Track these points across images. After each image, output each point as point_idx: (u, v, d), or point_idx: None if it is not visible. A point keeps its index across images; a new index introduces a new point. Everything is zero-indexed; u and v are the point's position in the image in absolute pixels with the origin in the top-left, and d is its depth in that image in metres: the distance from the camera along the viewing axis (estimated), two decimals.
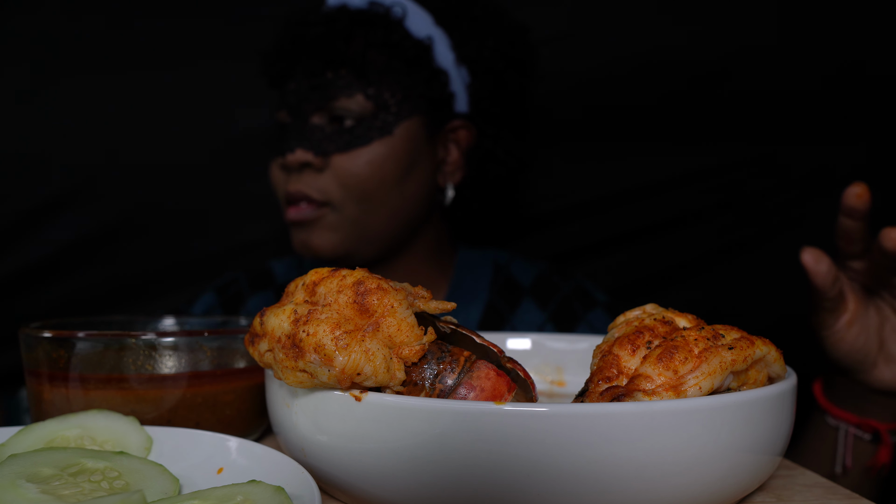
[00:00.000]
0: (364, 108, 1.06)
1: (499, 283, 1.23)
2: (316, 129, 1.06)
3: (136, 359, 0.64)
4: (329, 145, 1.05)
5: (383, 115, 1.07)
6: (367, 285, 0.53)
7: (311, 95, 1.07)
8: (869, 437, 0.89)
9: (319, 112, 1.07)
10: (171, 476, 0.51)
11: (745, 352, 0.52)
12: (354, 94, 1.06)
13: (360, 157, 1.06)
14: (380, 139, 1.07)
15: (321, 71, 1.07)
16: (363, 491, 0.51)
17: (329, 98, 1.06)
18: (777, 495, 0.57)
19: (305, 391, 0.53)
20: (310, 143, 1.06)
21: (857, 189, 0.82)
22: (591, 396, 0.53)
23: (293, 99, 1.08)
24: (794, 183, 1.46)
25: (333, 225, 1.07)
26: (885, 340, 0.86)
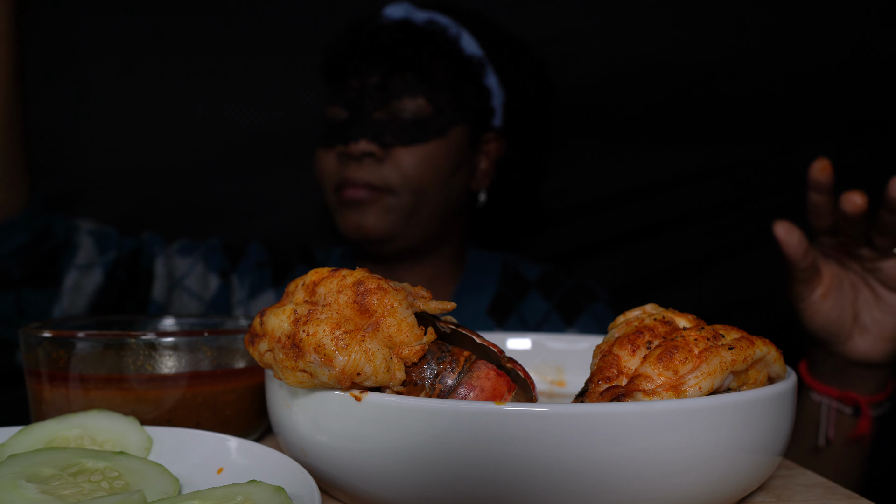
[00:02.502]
0: (423, 110, 1.18)
1: (507, 277, 1.33)
2: (379, 124, 1.16)
3: (136, 359, 0.64)
4: (391, 139, 1.16)
5: (439, 118, 1.19)
6: (367, 285, 0.53)
7: (376, 93, 1.17)
8: (850, 410, 0.93)
9: (382, 109, 1.17)
10: (171, 476, 0.51)
11: (745, 352, 0.52)
12: (417, 97, 1.18)
13: (419, 152, 1.17)
14: (436, 139, 1.19)
15: (389, 72, 1.17)
16: (363, 491, 0.51)
17: (393, 97, 1.17)
18: (777, 495, 0.57)
19: (305, 391, 0.53)
20: (373, 135, 1.15)
21: (820, 163, 0.86)
22: (591, 396, 0.53)
23: (354, 95, 1.18)
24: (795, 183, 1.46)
25: (388, 208, 1.17)
26: (859, 312, 0.90)
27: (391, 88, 1.17)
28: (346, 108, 1.19)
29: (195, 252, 1.26)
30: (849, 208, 0.84)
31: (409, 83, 1.18)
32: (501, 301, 1.30)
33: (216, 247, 1.29)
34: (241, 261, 1.30)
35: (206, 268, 1.26)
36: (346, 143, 1.17)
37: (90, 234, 1.11)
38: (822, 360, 0.95)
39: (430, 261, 1.29)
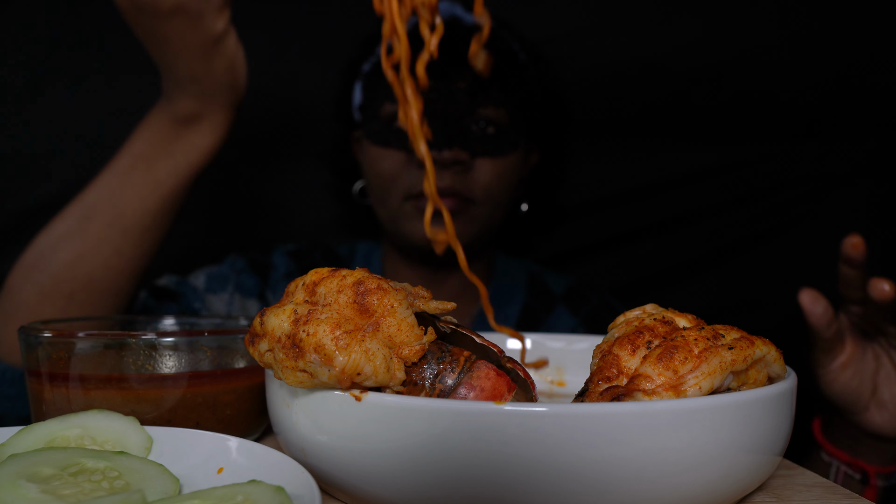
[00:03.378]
0: (502, 121, 1.16)
1: (534, 288, 1.33)
2: (468, 132, 1.12)
3: (136, 359, 0.64)
4: (480, 148, 1.13)
5: (513, 130, 1.17)
6: (367, 285, 0.53)
7: (465, 99, 1.13)
8: (859, 476, 0.91)
9: (469, 117, 1.13)
10: (171, 476, 0.51)
11: (745, 352, 0.52)
12: (500, 108, 1.15)
13: (500, 164, 1.16)
14: (513, 152, 1.18)
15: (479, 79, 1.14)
16: (363, 491, 0.51)
17: (480, 105, 1.14)
18: (777, 495, 0.57)
19: (305, 391, 0.53)
20: (464, 143, 1.12)
21: (853, 239, 0.85)
22: (591, 396, 0.53)
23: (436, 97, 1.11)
24: (795, 183, 1.46)
25: (471, 219, 1.16)
26: (879, 386, 0.88)
27: (478, 96, 1.13)
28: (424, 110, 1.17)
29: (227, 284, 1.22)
30: (876, 295, 0.82)
31: (495, 93, 1.15)
32: (529, 314, 1.29)
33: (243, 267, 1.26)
34: (270, 274, 1.27)
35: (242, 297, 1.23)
36: (437, 148, 1.11)
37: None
38: (837, 424, 0.93)
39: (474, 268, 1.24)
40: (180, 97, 0.91)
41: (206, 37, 0.85)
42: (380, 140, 1.16)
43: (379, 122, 1.16)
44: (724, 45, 1.39)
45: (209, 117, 0.92)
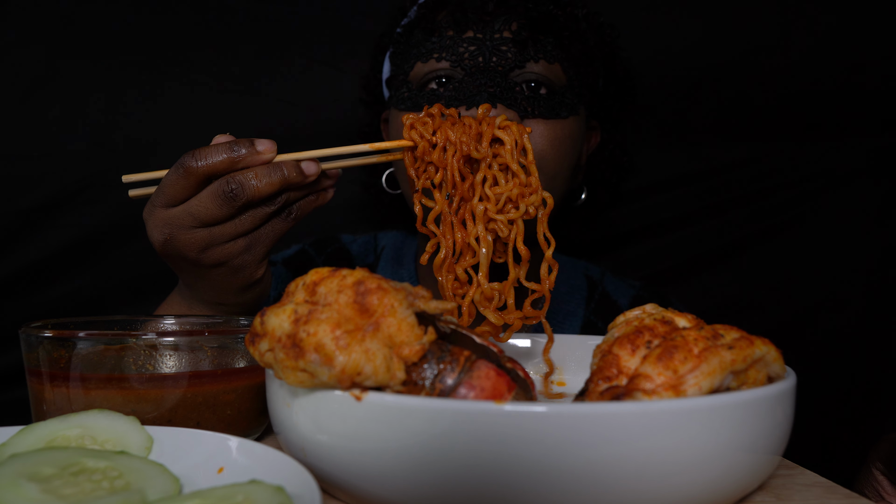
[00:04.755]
0: (558, 80, 0.98)
1: (594, 301, 1.18)
2: (517, 90, 0.95)
3: (136, 358, 0.64)
4: (531, 108, 0.95)
5: (570, 93, 0.99)
6: (368, 285, 0.53)
7: (511, 51, 0.96)
8: None
9: (516, 70, 0.96)
10: (171, 476, 0.51)
11: (745, 351, 0.52)
12: (554, 63, 0.98)
13: (559, 128, 0.97)
14: (572, 116, 0.99)
15: (527, 29, 0.97)
16: (363, 491, 0.51)
17: (529, 59, 0.96)
18: (777, 495, 0.57)
19: (306, 391, 0.53)
20: (512, 101, 0.94)
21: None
22: (591, 396, 0.53)
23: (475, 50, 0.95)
24: (795, 182, 1.46)
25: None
26: None
27: (528, 48, 0.96)
28: (457, 64, 0.96)
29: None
30: None
31: (549, 45, 0.97)
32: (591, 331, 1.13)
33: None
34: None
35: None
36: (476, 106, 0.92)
37: None
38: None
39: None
40: (202, 309, 0.89)
41: (244, 282, 0.83)
42: (409, 104, 1.00)
43: (409, 87, 1.02)
44: (724, 45, 1.39)
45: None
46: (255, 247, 0.79)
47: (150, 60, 1.36)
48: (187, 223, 0.76)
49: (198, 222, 0.76)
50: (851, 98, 1.42)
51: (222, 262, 0.79)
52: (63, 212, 1.34)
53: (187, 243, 0.77)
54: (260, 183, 0.75)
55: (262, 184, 0.75)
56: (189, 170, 0.74)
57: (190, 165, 0.74)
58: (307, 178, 0.78)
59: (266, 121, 1.38)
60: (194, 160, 0.74)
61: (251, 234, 0.79)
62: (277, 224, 0.80)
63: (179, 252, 0.79)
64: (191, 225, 0.76)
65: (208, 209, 0.75)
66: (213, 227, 0.76)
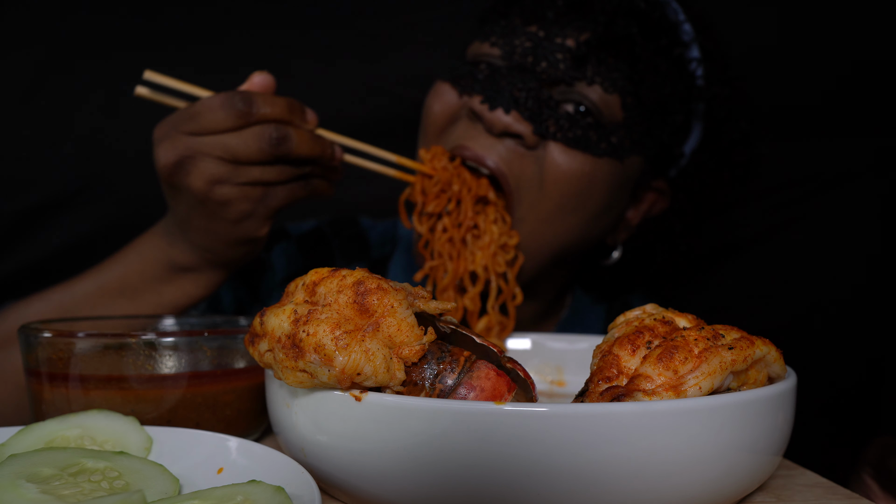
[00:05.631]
0: (611, 115, 0.85)
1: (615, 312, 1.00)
2: (546, 102, 0.83)
3: (136, 359, 0.64)
4: (554, 128, 0.83)
5: (622, 134, 0.85)
6: (367, 285, 0.53)
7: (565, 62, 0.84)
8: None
9: (560, 86, 0.85)
10: (171, 476, 0.51)
11: (745, 352, 0.52)
12: (612, 93, 0.84)
13: (580, 163, 0.84)
14: (609, 158, 0.85)
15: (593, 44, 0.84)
16: (363, 491, 0.51)
17: (582, 79, 0.84)
18: (777, 495, 0.57)
19: (305, 391, 0.53)
20: (533, 113, 0.83)
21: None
22: (591, 396, 0.53)
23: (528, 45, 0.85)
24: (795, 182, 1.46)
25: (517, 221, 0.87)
26: None
27: (585, 66, 0.83)
28: (506, 57, 0.87)
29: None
30: None
31: (612, 70, 0.84)
32: None
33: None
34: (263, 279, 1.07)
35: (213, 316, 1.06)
36: (490, 103, 0.83)
37: None
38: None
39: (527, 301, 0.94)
40: (183, 250, 0.84)
41: (242, 235, 0.80)
42: (450, 76, 0.90)
43: (463, 58, 0.93)
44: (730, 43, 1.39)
45: (206, 273, 0.85)
46: (267, 200, 0.78)
47: (151, 60, 1.36)
48: (215, 153, 0.74)
49: (229, 155, 0.74)
50: (852, 98, 1.42)
51: (229, 202, 0.76)
52: (63, 212, 1.34)
53: (204, 172, 0.75)
54: (304, 142, 0.76)
55: (304, 146, 0.76)
56: (243, 113, 0.73)
57: (242, 109, 0.73)
58: (335, 160, 0.80)
59: None
60: (255, 106, 0.74)
61: (269, 186, 0.78)
62: (295, 188, 0.80)
63: (188, 179, 0.75)
64: (218, 156, 0.74)
65: (248, 147, 0.74)
66: (239, 165, 0.75)
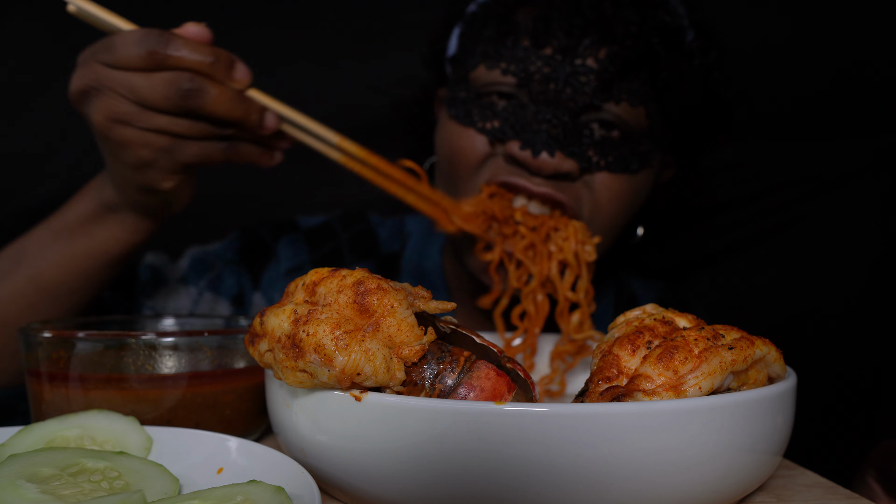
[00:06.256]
0: (637, 124, 0.86)
1: (623, 303, 1.12)
2: (583, 132, 0.84)
3: (136, 359, 0.64)
4: (597, 159, 0.84)
5: (648, 140, 0.87)
6: (367, 285, 0.53)
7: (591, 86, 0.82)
8: None
9: (590, 112, 0.84)
10: (171, 476, 0.51)
11: (745, 352, 0.52)
12: (638, 106, 0.85)
13: (624, 183, 0.86)
14: (643, 169, 0.88)
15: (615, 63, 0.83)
16: (363, 491, 0.51)
17: (610, 99, 0.83)
18: (777, 495, 0.57)
19: (305, 391, 0.53)
20: (576, 149, 0.83)
21: None
22: (591, 396, 0.53)
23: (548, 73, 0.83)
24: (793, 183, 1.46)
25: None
26: None
27: (611, 86, 0.83)
28: (524, 84, 0.84)
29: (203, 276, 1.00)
30: None
31: (635, 84, 0.84)
32: None
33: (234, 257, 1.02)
34: (265, 271, 1.04)
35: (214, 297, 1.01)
36: (533, 149, 0.82)
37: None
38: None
39: None
40: (109, 188, 0.80)
41: (145, 183, 0.75)
42: (462, 113, 0.87)
43: (468, 88, 0.89)
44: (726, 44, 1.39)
45: (130, 216, 0.81)
46: (173, 153, 0.72)
47: None
48: (121, 90, 0.69)
49: (134, 96, 0.68)
50: (852, 98, 1.42)
51: (127, 144, 0.71)
52: None
53: (106, 107, 0.70)
54: (220, 101, 0.69)
55: (222, 102, 0.69)
56: (154, 53, 0.67)
57: (158, 50, 0.67)
58: (264, 129, 0.73)
59: None
60: (166, 48, 0.67)
61: (178, 138, 0.71)
62: (211, 148, 0.73)
63: (90, 111, 0.72)
64: (123, 94, 0.69)
65: (154, 91, 0.68)
66: (144, 108, 0.69)
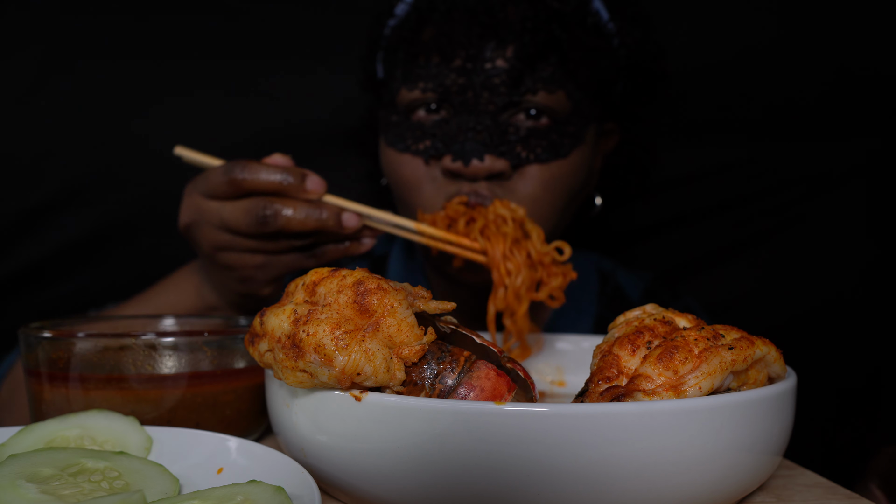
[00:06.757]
0: (561, 108, 0.89)
1: (607, 295, 1.14)
2: (507, 130, 0.87)
3: (136, 359, 0.64)
4: (525, 153, 0.87)
5: (576, 118, 0.90)
6: (367, 285, 0.53)
7: (505, 83, 0.86)
8: None
9: (510, 109, 0.88)
10: (171, 476, 0.51)
11: (745, 352, 0.52)
12: (556, 91, 0.88)
13: (556, 168, 0.89)
14: (576, 149, 0.90)
15: (524, 56, 0.86)
16: (363, 491, 0.51)
17: (526, 91, 0.87)
18: (777, 495, 0.57)
19: (305, 391, 0.53)
20: (504, 148, 0.86)
21: None
22: (591, 396, 0.53)
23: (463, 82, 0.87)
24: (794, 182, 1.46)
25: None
26: None
27: (524, 79, 0.86)
28: (444, 98, 0.88)
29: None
30: None
31: (547, 72, 0.87)
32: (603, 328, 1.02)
33: None
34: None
35: None
36: (463, 159, 0.85)
37: None
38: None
39: None
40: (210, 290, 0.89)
41: (247, 292, 0.84)
42: (396, 137, 0.92)
43: (396, 111, 0.93)
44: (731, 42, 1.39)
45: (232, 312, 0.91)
46: (268, 268, 0.80)
47: (150, 60, 1.36)
48: (214, 221, 0.77)
49: (223, 225, 0.76)
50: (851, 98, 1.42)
51: (231, 266, 0.80)
52: (63, 212, 1.34)
53: (207, 237, 0.78)
54: (295, 218, 0.74)
55: (297, 220, 0.74)
56: (233, 180, 0.74)
57: (235, 176, 0.74)
58: (344, 230, 0.77)
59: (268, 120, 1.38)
60: (242, 172, 0.74)
61: (270, 255, 0.79)
62: (299, 259, 0.80)
63: (197, 241, 0.80)
64: (216, 224, 0.77)
65: (237, 220, 0.75)
66: (236, 235, 0.77)
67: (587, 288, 1.15)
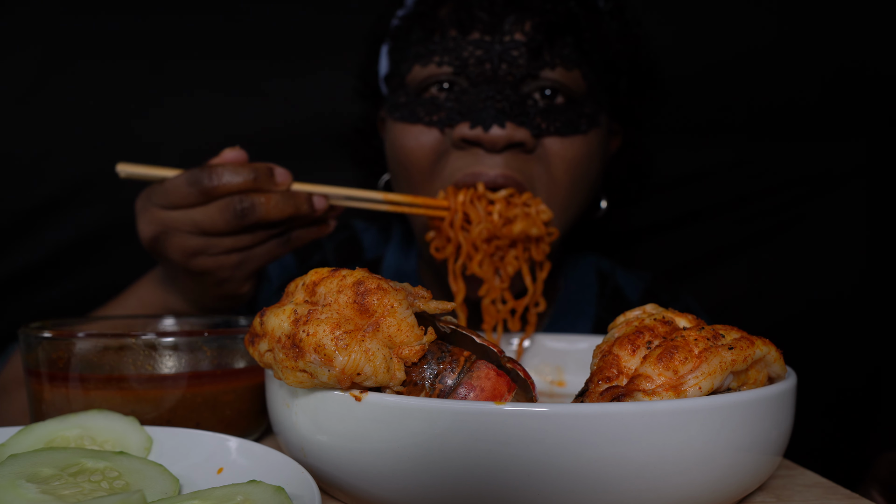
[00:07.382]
0: (577, 87, 0.89)
1: (605, 297, 1.14)
2: (527, 101, 0.86)
3: (136, 359, 0.64)
4: (546, 125, 0.86)
5: (591, 102, 0.90)
6: (367, 285, 0.53)
7: (524, 57, 0.86)
8: None
9: (529, 81, 0.87)
10: (171, 476, 0.51)
11: (745, 352, 0.52)
12: (573, 69, 0.88)
13: (577, 146, 0.88)
14: (593, 129, 0.90)
15: (541, 31, 0.87)
16: (363, 491, 0.51)
17: (545, 66, 0.87)
18: (777, 495, 0.57)
19: (305, 391, 0.53)
20: (524, 118, 0.85)
21: None
22: (591, 396, 0.53)
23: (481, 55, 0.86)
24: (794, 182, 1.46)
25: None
26: None
27: (544, 54, 0.86)
28: (460, 71, 0.87)
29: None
30: None
31: (566, 49, 0.88)
32: (602, 329, 1.07)
33: None
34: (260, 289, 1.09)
35: None
36: (483, 124, 0.84)
37: None
38: None
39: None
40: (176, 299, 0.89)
41: (225, 294, 0.84)
42: (406, 113, 0.90)
43: (406, 92, 0.92)
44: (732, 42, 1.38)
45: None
46: (246, 264, 0.80)
47: (150, 60, 1.36)
48: (185, 228, 0.76)
49: (197, 230, 0.75)
50: (851, 98, 1.42)
51: (207, 271, 0.79)
52: (63, 212, 1.34)
53: (178, 246, 0.77)
54: (273, 207, 0.75)
55: (275, 208, 0.75)
56: (205, 189, 0.73)
57: (205, 185, 0.73)
58: (316, 212, 0.78)
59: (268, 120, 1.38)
60: (211, 180, 0.74)
61: (246, 251, 0.79)
62: (274, 248, 0.80)
63: (167, 252, 0.78)
64: (188, 230, 0.76)
65: (213, 221, 0.74)
66: (211, 237, 0.76)
67: (586, 288, 1.15)
